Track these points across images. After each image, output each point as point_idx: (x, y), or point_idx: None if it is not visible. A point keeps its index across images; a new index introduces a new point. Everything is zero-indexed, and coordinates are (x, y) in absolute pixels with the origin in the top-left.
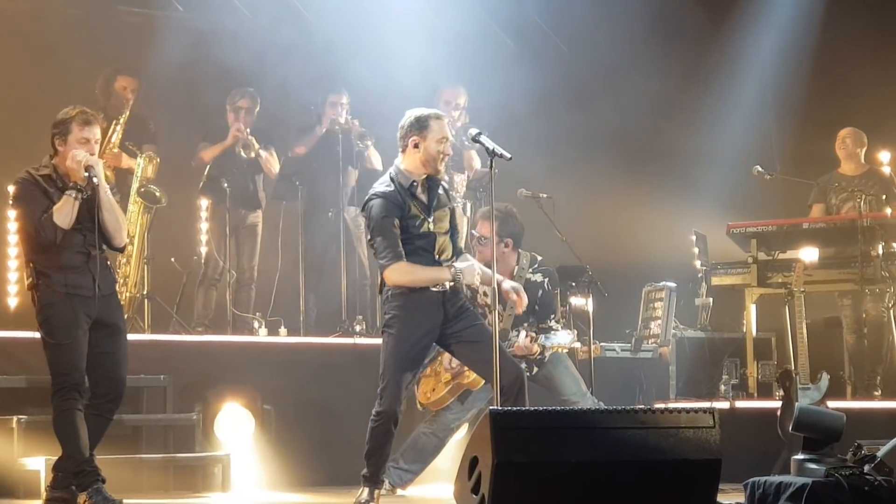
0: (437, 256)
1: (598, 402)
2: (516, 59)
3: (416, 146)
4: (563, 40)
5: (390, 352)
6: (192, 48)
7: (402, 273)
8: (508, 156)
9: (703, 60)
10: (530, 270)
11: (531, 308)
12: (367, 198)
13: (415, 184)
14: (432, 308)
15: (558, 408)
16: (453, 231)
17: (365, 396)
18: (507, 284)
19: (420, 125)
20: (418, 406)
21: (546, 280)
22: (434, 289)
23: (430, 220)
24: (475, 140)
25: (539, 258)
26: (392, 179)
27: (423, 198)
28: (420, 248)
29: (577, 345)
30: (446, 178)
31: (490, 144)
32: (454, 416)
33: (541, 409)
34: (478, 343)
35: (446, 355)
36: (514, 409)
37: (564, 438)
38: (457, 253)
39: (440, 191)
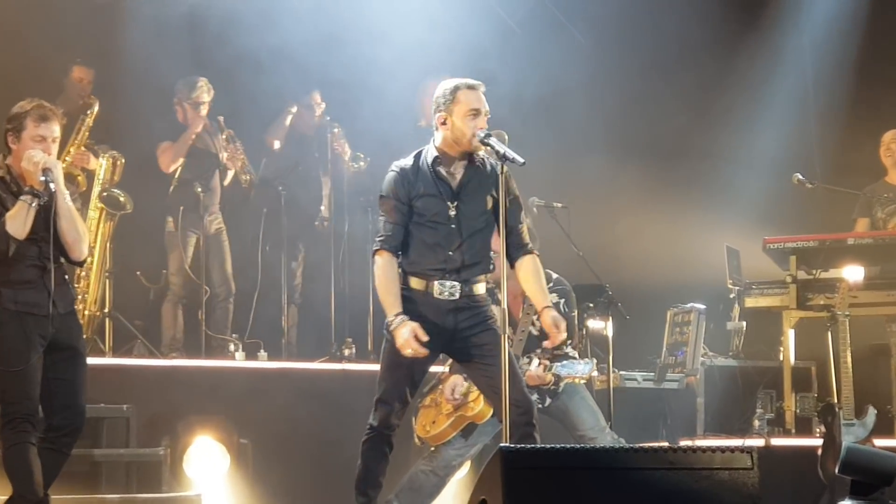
0: (450, 252)
1: (619, 439)
2: (526, 49)
3: (443, 123)
4: (580, 30)
5: (388, 359)
6: (159, 37)
7: (377, 268)
8: (521, 160)
9: (738, 56)
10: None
11: (545, 332)
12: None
13: (438, 159)
14: (440, 316)
15: (576, 445)
16: (511, 230)
17: (356, 429)
18: (550, 316)
19: (446, 98)
20: (416, 441)
21: (562, 301)
22: (441, 296)
23: (453, 205)
24: (483, 143)
25: (554, 275)
26: (419, 154)
27: (452, 179)
28: (429, 240)
29: (595, 374)
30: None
31: (500, 148)
32: (456, 452)
33: (557, 446)
34: (490, 366)
35: (448, 383)
36: (528, 447)
37: (584, 480)
38: (511, 259)
39: (487, 171)
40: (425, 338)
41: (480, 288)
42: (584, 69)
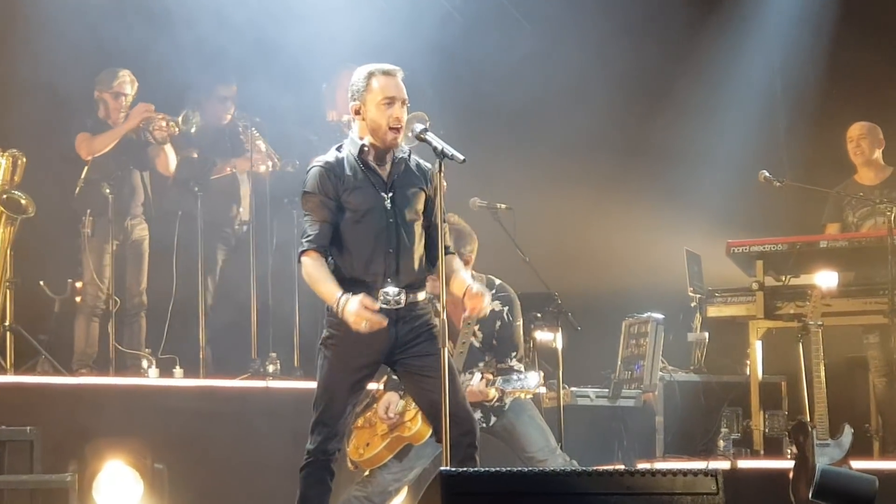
0: (390, 250)
1: (571, 461)
2: (466, 35)
3: (357, 113)
4: (524, 14)
5: (325, 377)
6: (60, 29)
7: (306, 269)
8: (461, 157)
9: (697, 43)
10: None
11: (488, 344)
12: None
13: (366, 148)
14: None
15: (523, 468)
16: (429, 224)
17: (280, 452)
18: (475, 286)
19: (359, 85)
20: (349, 465)
21: (506, 309)
22: (386, 305)
23: (388, 196)
24: (419, 138)
25: (497, 282)
26: (341, 147)
27: (383, 169)
28: (368, 239)
29: (543, 390)
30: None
31: (438, 144)
32: (393, 476)
33: (502, 469)
34: (429, 379)
35: (381, 402)
36: (470, 470)
37: None
38: (431, 259)
39: (412, 166)
40: (376, 306)
41: (422, 295)
42: (528, 57)
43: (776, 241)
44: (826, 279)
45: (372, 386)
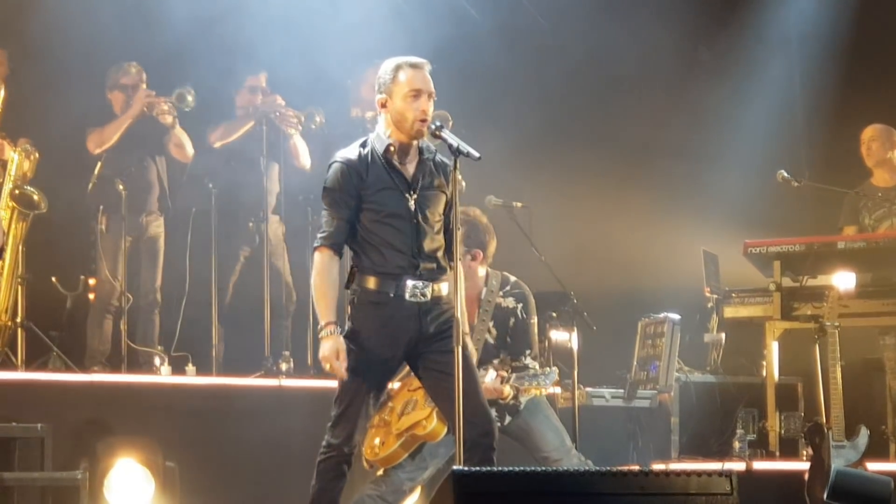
0: (415, 249)
1: (586, 461)
2: (484, 33)
3: (383, 106)
4: (544, 13)
5: (348, 371)
6: (81, 14)
7: (315, 267)
8: (477, 155)
9: (718, 44)
10: (501, 294)
11: (502, 341)
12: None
13: (392, 147)
14: (406, 321)
15: (537, 468)
16: (448, 222)
17: (292, 451)
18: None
19: (386, 78)
20: (364, 464)
21: (520, 306)
22: (413, 298)
23: (412, 197)
24: (435, 135)
25: (512, 279)
26: (365, 143)
27: (406, 169)
28: (392, 237)
29: (558, 389)
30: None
31: (454, 141)
32: (407, 475)
33: (515, 469)
34: (450, 377)
35: (398, 400)
36: (483, 469)
37: None
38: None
39: (436, 164)
40: (345, 363)
41: (445, 288)
42: (545, 55)
43: (794, 241)
44: (843, 280)
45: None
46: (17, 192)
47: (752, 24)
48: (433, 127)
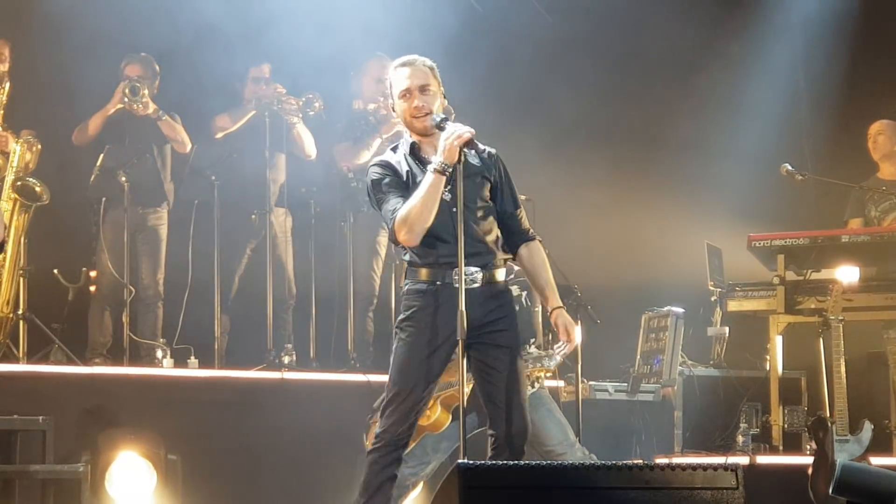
0: (455, 239)
1: (590, 455)
2: (485, 24)
3: (394, 110)
4: (545, 5)
5: (401, 358)
6: (81, 9)
7: (402, 222)
8: (481, 146)
9: (720, 35)
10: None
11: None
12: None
13: (416, 145)
14: (456, 308)
15: (541, 462)
16: (502, 210)
17: (294, 444)
18: (562, 318)
19: (387, 84)
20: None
21: (524, 294)
22: (458, 284)
23: (446, 189)
24: (438, 128)
25: (516, 268)
26: (396, 147)
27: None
28: (433, 228)
29: (562, 383)
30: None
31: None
32: (410, 470)
33: (520, 463)
34: (496, 373)
35: None
36: (488, 463)
37: (549, 501)
38: (512, 246)
39: (475, 154)
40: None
41: (501, 274)
42: (551, 51)
43: (798, 235)
44: (847, 274)
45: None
46: (19, 183)
47: (757, 20)
48: (436, 121)
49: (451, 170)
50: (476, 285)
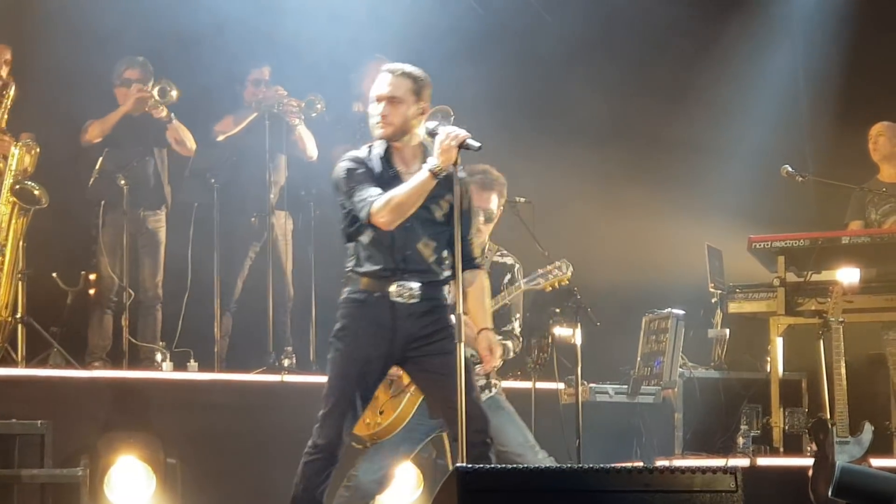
0: (407, 252)
1: (549, 457)
2: (486, 27)
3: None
4: (545, 5)
5: (337, 370)
6: (80, 12)
7: (384, 204)
8: (477, 145)
9: (720, 35)
10: (498, 254)
11: (495, 291)
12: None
13: (390, 148)
14: (397, 321)
15: (541, 466)
16: (464, 226)
17: (295, 448)
18: (487, 339)
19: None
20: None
21: (517, 266)
22: (400, 297)
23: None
24: (430, 135)
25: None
26: (372, 146)
27: (406, 172)
28: (381, 237)
29: (561, 386)
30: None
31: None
32: (371, 477)
33: (519, 466)
34: (446, 377)
35: None
36: (487, 466)
37: (551, 502)
38: (465, 261)
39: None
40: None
41: (441, 291)
42: (548, 49)
43: (798, 236)
44: (848, 275)
45: None
46: (17, 186)
47: (757, 21)
48: (429, 129)
49: (443, 174)
50: (414, 301)
